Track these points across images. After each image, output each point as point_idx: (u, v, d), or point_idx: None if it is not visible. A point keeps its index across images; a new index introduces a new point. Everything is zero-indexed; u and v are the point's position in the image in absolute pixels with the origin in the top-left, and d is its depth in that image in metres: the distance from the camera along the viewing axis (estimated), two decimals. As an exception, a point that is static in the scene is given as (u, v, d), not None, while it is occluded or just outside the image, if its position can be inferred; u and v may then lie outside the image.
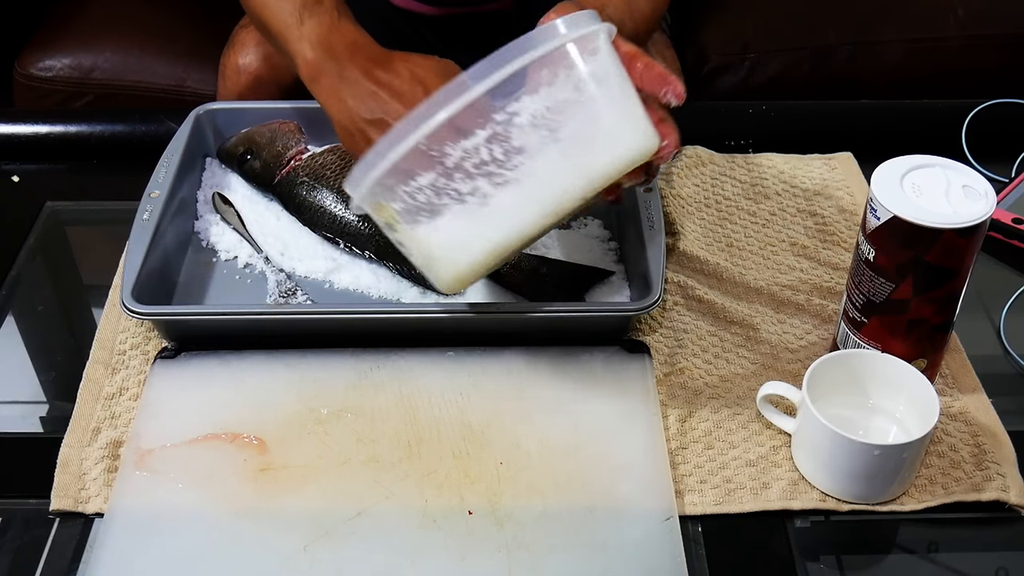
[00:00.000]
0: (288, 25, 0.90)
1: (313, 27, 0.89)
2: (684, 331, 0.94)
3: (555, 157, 0.76)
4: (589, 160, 0.77)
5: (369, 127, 0.84)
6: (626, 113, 0.78)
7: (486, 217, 0.77)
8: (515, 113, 0.75)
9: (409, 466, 0.82)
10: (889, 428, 0.83)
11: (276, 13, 0.91)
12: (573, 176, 0.77)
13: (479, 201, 0.76)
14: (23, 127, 1.16)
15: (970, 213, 0.78)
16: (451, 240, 0.78)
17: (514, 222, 0.78)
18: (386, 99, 0.84)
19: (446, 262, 0.80)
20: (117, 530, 0.78)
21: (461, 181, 0.76)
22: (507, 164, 0.76)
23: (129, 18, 1.64)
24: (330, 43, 0.88)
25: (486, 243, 0.78)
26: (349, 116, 0.86)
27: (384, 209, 0.79)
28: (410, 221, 0.78)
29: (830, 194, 1.09)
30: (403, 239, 0.81)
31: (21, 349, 0.97)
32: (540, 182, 0.76)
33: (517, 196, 0.76)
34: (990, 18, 1.60)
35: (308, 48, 0.89)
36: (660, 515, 0.79)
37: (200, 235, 1.02)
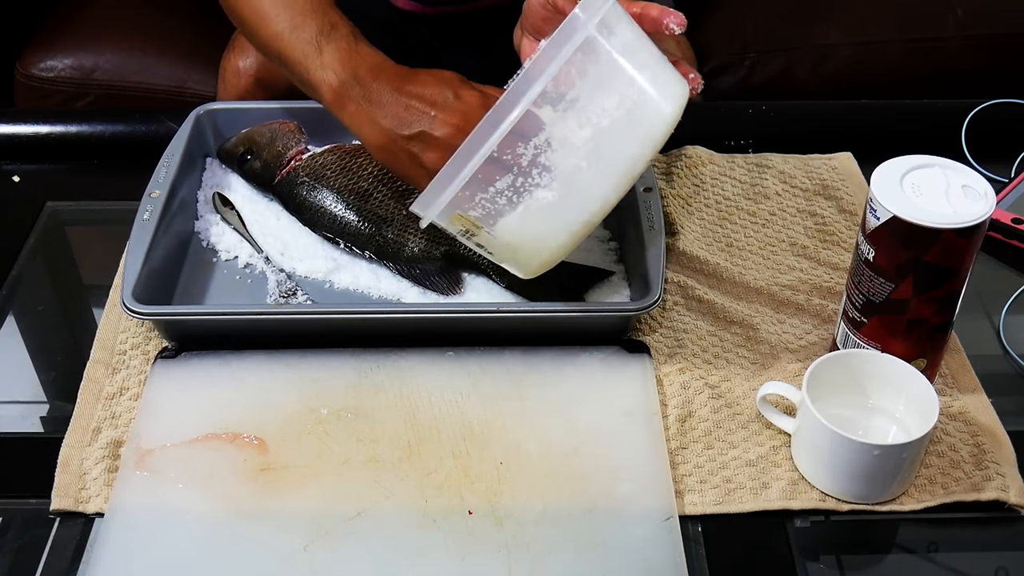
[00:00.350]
0: (307, 55, 0.89)
1: (333, 53, 0.88)
2: (684, 331, 0.94)
3: (619, 130, 0.79)
4: (648, 124, 0.80)
5: (410, 143, 0.85)
6: (659, 70, 0.81)
7: (567, 202, 0.80)
8: (575, 99, 0.78)
9: (409, 466, 0.82)
10: (889, 428, 0.83)
11: (293, 44, 0.90)
12: (638, 143, 0.80)
13: (558, 189, 0.79)
14: (24, 127, 1.16)
15: (970, 213, 0.78)
16: (537, 231, 0.82)
17: (593, 200, 0.81)
18: (421, 109, 0.85)
19: (531, 253, 0.84)
20: (117, 530, 0.78)
21: (538, 175, 0.79)
22: (578, 149, 0.79)
23: (130, 19, 1.64)
24: (353, 67, 0.88)
25: (571, 226, 0.82)
26: (387, 136, 0.86)
27: (462, 218, 0.82)
28: (491, 224, 0.81)
29: (830, 194, 1.09)
30: (483, 241, 0.84)
31: (21, 349, 0.97)
32: (612, 156, 0.80)
33: (594, 175, 0.80)
34: (990, 18, 1.60)
35: (332, 75, 0.88)
36: (660, 515, 0.79)
37: (200, 235, 1.02)
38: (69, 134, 1.16)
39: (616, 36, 0.79)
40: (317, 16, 0.90)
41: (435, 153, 0.84)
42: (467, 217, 0.81)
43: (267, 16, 0.92)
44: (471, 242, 0.84)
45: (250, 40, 0.98)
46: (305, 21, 0.90)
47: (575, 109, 0.78)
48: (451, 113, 0.84)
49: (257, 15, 0.93)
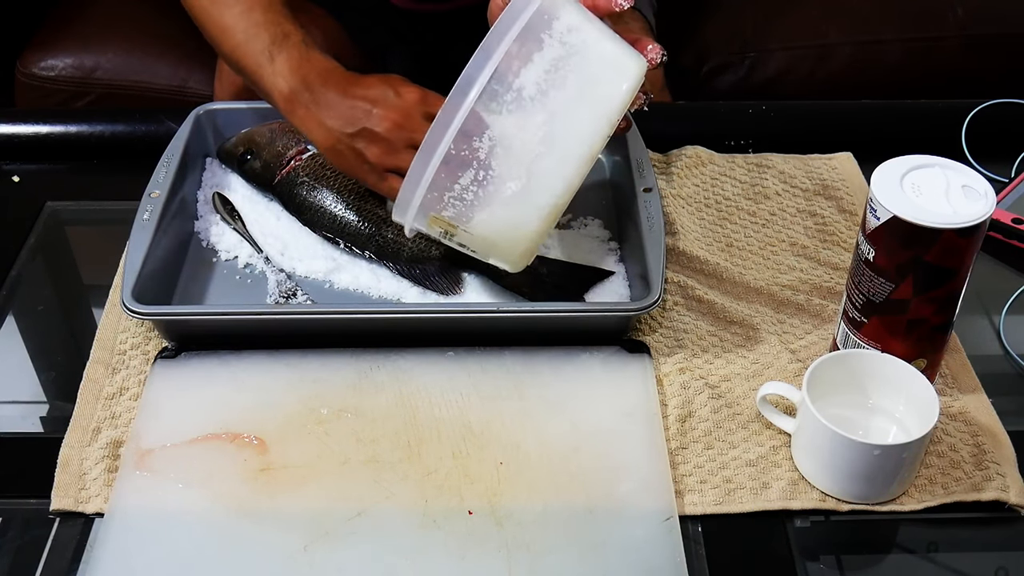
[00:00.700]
0: (260, 64, 0.93)
1: (284, 62, 0.92)
2: (684, 331, 0.94)
3: (572, 111, 0.81)
4: (601, 101, 0.82)
5: (354, 139, 0.88)
6: (610, 47, 0.82)
7: (531, 188, 0.82)
8: (521, 88, 0.80)
9: (409, 466, 0.82)
10: (889, 428, 0.83)
11: (248, 53, 0.94)
12: (593, 120, 0.81)
13: (520, 176, 0.81)
14: (24, 127, 1.16)
15: (970, 213, 0.78)
16: (508, 221, 0.83)
17: (556, 182, 0.82)
18: (364, 108, 0.88)
19: (510, 243, 0.84)
20: (117, 530, 0.78)
21: (499, 166, 0.81)
22: (532, 135, 0.80)
23: (131, 19, 1.64)
24: (303, 74, 0.91)
25: (540, 210, 0.83)
26: (333, 135, 0.89)
27: (438, 220, 0.83)
28: (465, 221, 0.83)
29: (830, 194, 1.09)
30: (462, 240, 0.85)
31: (21, 349, 0.97)
32: (568, 137, 0.81)
33: (553, 158, 0.81)
34: (990, 18, 1.60)
35: (282, 81, 0.92)
36: (660, 515, 0.79)
37: (200, 235, 1.02)
38: (69, 134, 1.16)
39: (560, 20, 0.80)
40: (270, 27, 0.94)
41: (378, 148, 0.88)
42: (442, 218, 0.83)
43: (227, 29, 0.96)
44: (453, 243, 0.86)
45: (219, 53, 1.01)
46: (259, 32, 0.93)
47: (524, 97, 0.79)
48: (390, 109, 0.88)
49: (220, 29, 0.97)
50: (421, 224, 0.85)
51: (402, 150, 0.88)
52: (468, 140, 0.80)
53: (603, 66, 0.81)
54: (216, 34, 0.97)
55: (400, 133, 0.88)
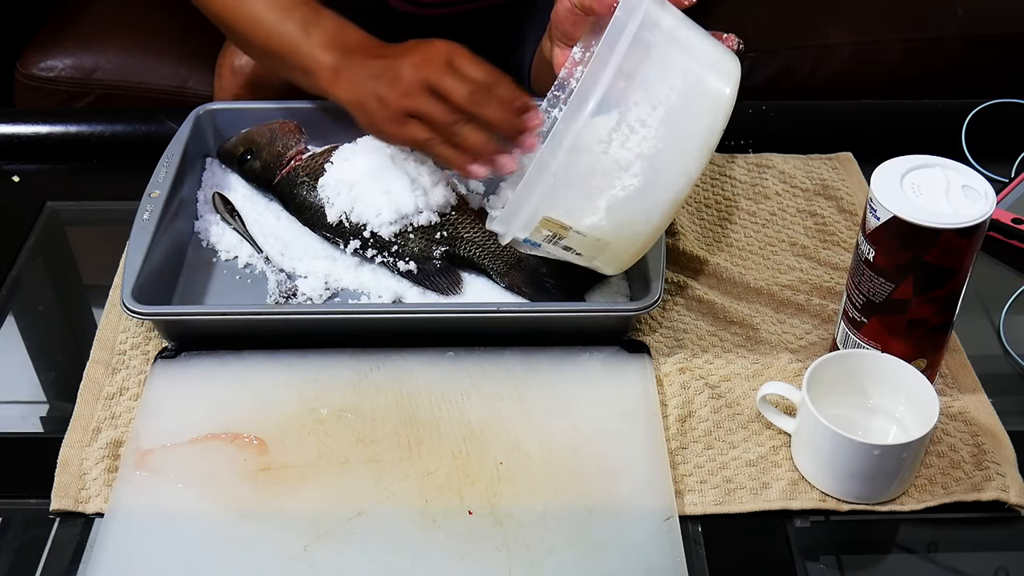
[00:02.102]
0: (295, 41, 0.93)
1: (321, 35, 0.92)
2: (684, 331, 0.94)
3: (688, 105, 0.80)
4: (711, 95, 0.82)
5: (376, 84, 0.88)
6: (708, 46, 0.83)
7: (651, 184, 0.81)
8: (643, 82, 0.79)
9: (409, 466, 0.82)
10: (889, 428, 0.83)
11: (280, 35, 0.94)
12: (708, 113, 0.81)
13: (641, 173, 0.80)
14: (24, 127, 1.16)
15: (970, 213, 0.78)
16: (626, 219, 0.82)
17: (677, 176, 0.81)
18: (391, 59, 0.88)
19: (624, 243, 0.84)
20: (117, 530, 0.78)
21: (620, 165, 0.80)
22: (654, 130, 0.80)
23: (131, 19, 1.64)
24: (342, 43, 0.92)
25: (660, 206, 0.82)
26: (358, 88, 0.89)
27: (549, 222, 0.82)
28: (578, 221, 0.82)
29: (830, 194, 1.09)
30: (572, 243, 0.84)
31: (21, 349, 0.97)
32: (686, 132, 0.81)
33: (671, 154, 0.81)
34: (990, 18, 1.60)
35: (323, 53, 0.91)
36: (660, 515, 0.79)
37: (200, 235, 1.02)
38: (69, 134, 1.16)
39: (665, 19, 0.81)
40: (300, 8, 0.94)
41: (396, 90, 0.87)
42: (554, 220, 0.82)
43: (257, 20, 0.96)
44: (558, 247, 0.85)
45: (247, 49, 1.02)
46: (289, 14, 0.94)
47: (643, 90, 0.79)
48: (414, 54, 0.88)
49: (249, 22, 0.97)
50: (528, 228, 0.83)
51: (420, 92, 0.87)
52: (592, 134, 0.79)
53: (710, 65, 0.82)
54: (246, 29, 0.97)
55: (418, 73, 0.87)
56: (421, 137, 0.88)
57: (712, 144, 0.82)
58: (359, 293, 0.96)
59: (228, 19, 0.99)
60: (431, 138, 0.88)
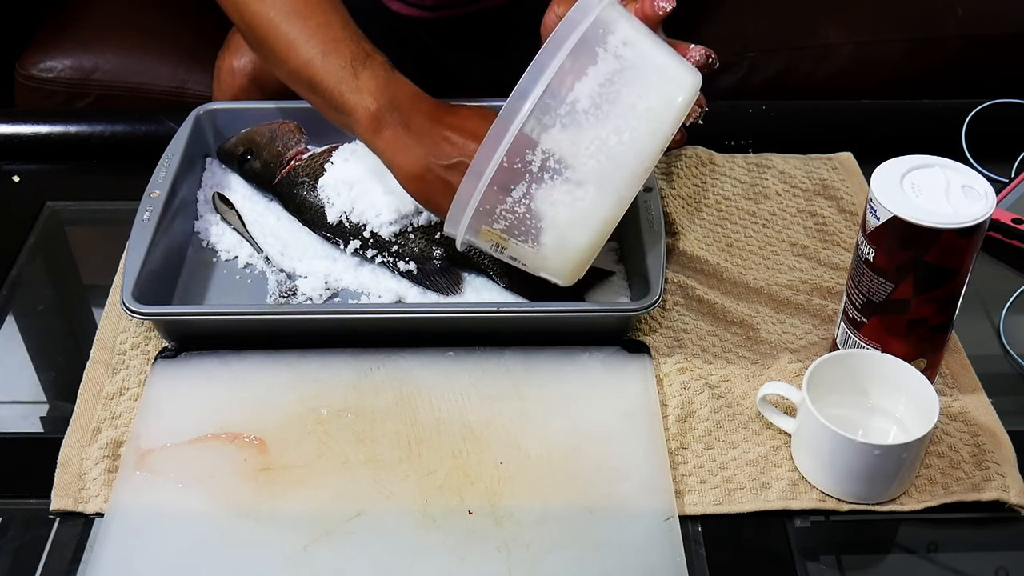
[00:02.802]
0: (342, 79, 0.88)
1: (370, 79, 0.88)
2: (684, 331, 0.94)
3: (626, 125, 0.79)
4: (656, 116, 0.80)
5: (447, 172, 0.85)
6: (665, 60, 0.81)
7: (588, 201, 0.80)
8: (575, 101, 0.78)
9: (409, 466, 0.82)
10: (889, 428, 0.83)
11: (327, 70, 0.89)
12: (647, 135, 0.80)
13: (576, 189, 0.80)
14: (24, 127, 1.16)
15: (970, 213, 0.78)
16: (560, 236, 0.82)
17: (612, 196, 0.81)
18: (461, 142, 0.85)
19: (561, 257, 0.83)
20: (117, 530, 0.78)
21: (551, 180, 0.79)
22: (587, 147, 0.79)
23: (130, 20, 1.64)
24: (391, 94, 0.87)
25: (593, 225, 0.81)
26: (424, 165, 0.86)
27: (489, 234, 0.83)
28: (516, 235, 0.82)
29: (830, 194, 1.09)
30: (514, 253, 0.84)
31: (21, 349, 0.97)
32: (622, 152, 0.80)
33: (606, 172, 0.80)
34: (990, 18, 1.60)
35: (370, 99, 0.87)
36: (660, 515, 0.79)
37: (200, 235, 1.02)
38: (69, 134, 1.16)
39: (615, 34, 0.79)
40: (351, 44, 0.89)
41: None
42: (493, 231, 0.82)
43: (296, 44, 0.90)
44: (504, 256, 0.85)
45: (276, 69, 0.96)
46: (338, 48, 0.89)
47: (578, 111, 0.78)
48: None
49: (285, 43, 0.91)
50: (472, 237, 0.84)
51: None
52: (521, 154, 0.79)
53: (658, 80, 0.80)
54: (280, 49, 0.92)
55: None
56: None
57: (649, 165, 0.81)
58: (359, 293, 0.96)
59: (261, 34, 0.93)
60: None
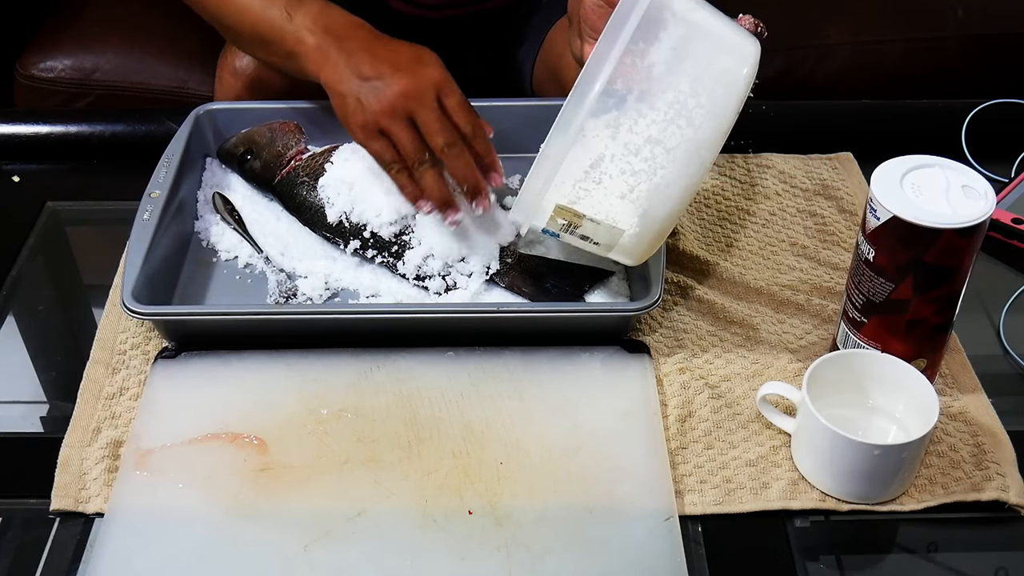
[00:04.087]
0: (280, 26, 0.94)
1: (304, 17, 0.93)
2: (684, 331, 0.94)
3: (703, 88, 0.79)
4: (728, 79, 0.80)
5: (361, 87, 0.89)
6: (724, 24, 0.81)
7: (670, 168, 0.80)
8: (651, 66, 0.78)
9: (409, 466, 0.82)
10: (889, 428, 0.83)
11: (265, 20, 0.95)
12: (724, 96, 0.79)
13: (657, 156, 0.79)
14: (24, 127, 1.16)
15: (970, 213, 0.78)
16: (641, 207, 0.80)
17: (696, 159, 0.80)
18: (383, 66, 0.89)
19: (638, 233, 0.82)
20: (117, 530, 0.78)
21: (632, 148, 0.79)
22: (666, 112, 0.78)
23: (130, 20, 1.64)
24: (327, 24, 0.93)
25: (677, 191, 0.80)
26: (344, 78, 0.90)
27: (563, 211, 0.81)
28: (592, 208, 0.81)
29: (830, 194, 1.09)
30: (587, 231, 0.83)
31: (21, 349, 0.97)
32: (696, 115, 0.79)
33: (689, 132, 0.79)
34: (990, 18, 1.60)
35: (308, 35, 0.92)
36: (660, 515, 0.79)
37: (200, 235, 1.02)
38: (69, 134, 1.16)
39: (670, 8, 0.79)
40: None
41: (378, 104, 0.88)
42: (567, 208, 0.81)
43: (244, 9, 0.97)
44: (575, 236, 0.84)
45: (237, 42, 1.02)
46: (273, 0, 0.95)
47: (653, 76, 0.78)
48: (408, 75, 0.88)
49: (236, 11, 0.97)
50: (542, 218, 0.82)
51: (400, 117, 0.88)
52: (601, 121, 0.78)
53: (727, 43, 0.80)
54: (234, 20, 0.98)
55: (406, 100, 0.88)
56: (385, 156, 0.91)
57: (726, 127, 0.80)
58: (359, 293, 0.96)
59: (216, 11, 1.00)
60: (394, 161, 0.90)
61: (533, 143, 1.04)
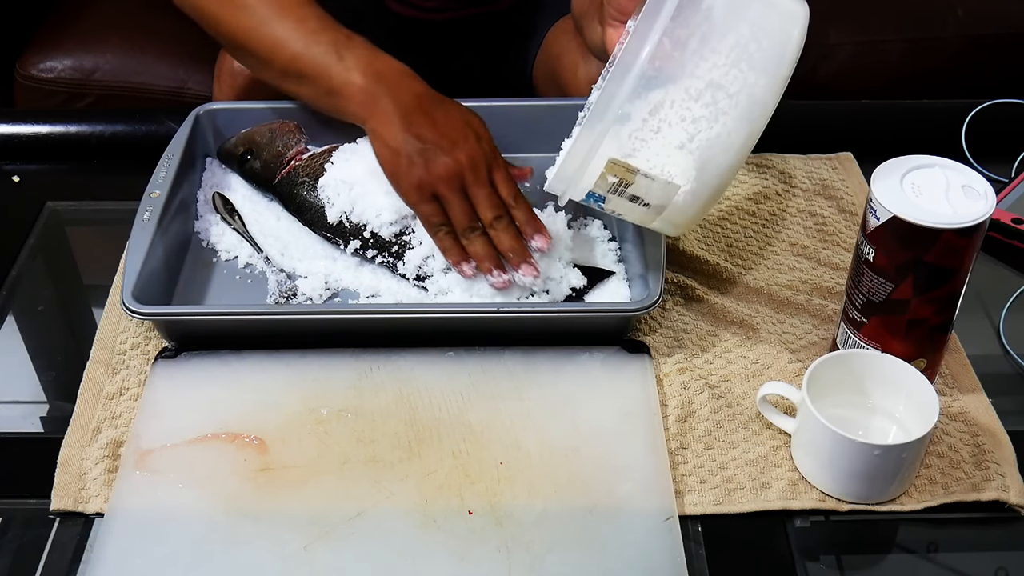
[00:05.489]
0: (328, 65, 0.92)
1: (355, 60, 0.92)
2: (684, 331, 0.94)
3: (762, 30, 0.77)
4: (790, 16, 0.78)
5: (420, 154, 0.89)
6: None
7: (732, 115, 0.77)
8: (711, 7, 0.76)
9: (409, 466, 0.82)
10: (889, 428, 0.83)
11: (312, 57, 0.93)
12: (782, 42, 0.78)
13: (719, 102, 0.77)
14: (24, 127, 1.16)
15: (970, 213, 0.78)
16: (700, 159, 0.78)
17: (758, 105, 0.78)
18: (443, 133, 0.89)
19: (695, 188, 0.80)
20: (117, 530, 0.78)
21: (693, 94, 0.77)
22: (728, 55, 0.77)
23: (130, 20, 1.64)
24: (377, 69, 0.92)
25: (739, 141, 0.78)
26: (402, 139, 0.90)
27: (615, 167, 0.79)
28: (647, 162, 0.78)
29: (830, 194, 1.09)
30: (639, 190, 0.80)
31: (21, 349, 0.97)
32: (756, 56, 0.77)
33: (751, 77, 0.77)
34: (990, 18, 1.60)
35: (358, 75, 0.91)
36: (660, 515, 0.79)
37: (200, 235, 1.02)
38: (69, 134, 1.16)
39: None
40: (330, 32, 0.94)
41: (438, 171, 0.89)
42: (620, 163, 0.78)
43: (279, 44, 0.94)
44: (624, 197, 0.81)
45: (263, 72, 0.99)
46: (318, 38, 0.93)
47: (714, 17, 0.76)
48: (465, 150, 0.89)
49: (268, 46, 0.95)
50: (592, 176, 0.79)
51: (455, 187, 0.89)
52: (662, 60, 0.75)
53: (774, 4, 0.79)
54: (267, 49, 0.95)
55: (460, 170, 0.89)
56: (434, 219, 0.91)
57: (787, 68, 0.78)
58: (359, 293, 0.96)
59: (243, 41, 0.97)
60: (442, 224, 0.91)
61: (533, 143, 1.05)
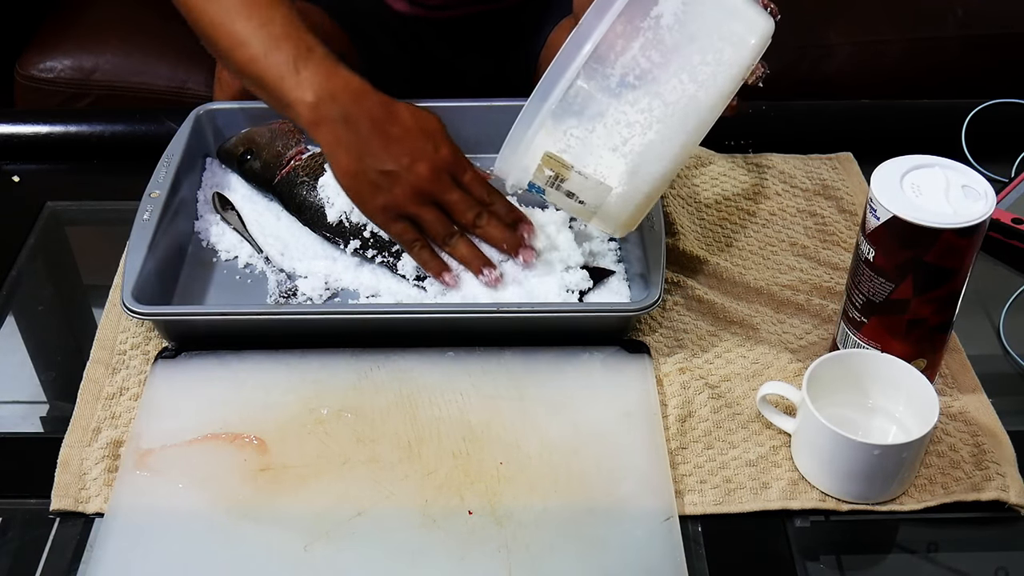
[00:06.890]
0: (283, 76, 0.90)
1: (311, 75, 0.90)
2: (684, 331, 0.94)
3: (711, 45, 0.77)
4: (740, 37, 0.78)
5: (381, 177, 0.88)
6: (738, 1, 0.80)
7: (668, 124, 0.78)
8: (659, 16, 0.76)
9: (409, 466, 0.82)
10: (889, 428, 0.83)
11: (269, 66, 0.91)
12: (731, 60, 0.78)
13: (655, 110, 0.77)
14: (24, 127, 1.16)
15: (970, 213, 0.78)
16: (633, 164, 0.79)
17: (695, 116, 0.78)
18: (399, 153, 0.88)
19: (626, 193, 0.80)
20: (117, 530, 0.78)
21: (630, 98, 0.77)
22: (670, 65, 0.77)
23: (130, 20, 1.64)
24: (331, 88, 0.90)
25: (673, 150, 0.78)
26: (359, 165, 0.89)
27: (551, 160, 0.79)
28: (583, 161, 0.79)
29: (830, 194, 1.09)
30: (573, 186, 0.81)
31: (21, 349, 0.97)
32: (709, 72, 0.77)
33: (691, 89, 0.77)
34: (990, 18, 1.60)
35: (310, 93, 0.89)
36: (660, 515, 0.79)
37: (200, 235, 1.02)
38: (69, 134, 1.16)
39: None
40: (292, 39, 0.91)
41: (402, 193, 0.88)
42: (555, 157, 0.79)
43: (242, 40, 0.93)
44: (561, 191, 0.82)
45: (224, 63, 0.99)
46: (280, 44, 0.91)
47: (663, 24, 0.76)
48: (425, 162, 0.88)
49: (231, 39, 0.94)
50: (531, 167, 0.80)
51: (424, 202, 0.89)
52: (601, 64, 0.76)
53: (736, 12, 0.78)
54: (228, 46, 0.94)
55: (426, 188, 0.88)
56: (406, 236, 0.91)
57: (732, 84, 0.78)
58: (359, 293, 0.96)
59: (208, 32, 0.96)
60: (415, 240, 0.91)
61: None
